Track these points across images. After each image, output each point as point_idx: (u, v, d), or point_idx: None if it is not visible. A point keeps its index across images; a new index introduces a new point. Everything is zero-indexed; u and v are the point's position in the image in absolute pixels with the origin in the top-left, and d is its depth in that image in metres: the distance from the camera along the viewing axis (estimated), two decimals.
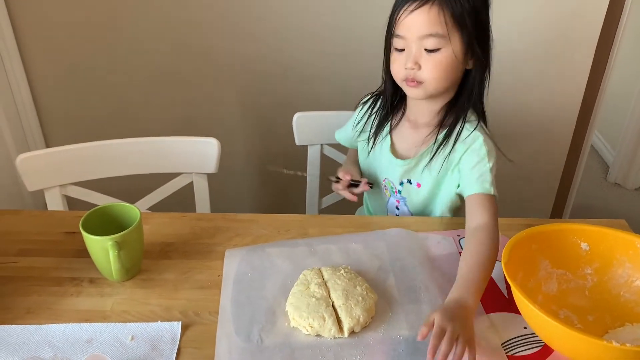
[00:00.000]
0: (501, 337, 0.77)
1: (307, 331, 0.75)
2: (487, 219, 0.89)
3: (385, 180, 1.10)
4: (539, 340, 0.76)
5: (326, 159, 1.35)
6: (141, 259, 0.88)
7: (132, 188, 1.26)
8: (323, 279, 0.82)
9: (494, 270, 0.84)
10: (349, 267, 0.85)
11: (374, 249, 0.93)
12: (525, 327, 0.78)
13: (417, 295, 0.83)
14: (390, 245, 0.94)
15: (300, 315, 0.76)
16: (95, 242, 0.81)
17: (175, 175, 1.22)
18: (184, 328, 0.77)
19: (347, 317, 0.75)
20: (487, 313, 0.81)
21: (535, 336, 0.76)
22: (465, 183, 0.97)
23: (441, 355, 0.67)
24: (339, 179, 1.07)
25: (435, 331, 0.68)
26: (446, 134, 1.00)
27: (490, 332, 0.77)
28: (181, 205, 1.17)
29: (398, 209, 1.11)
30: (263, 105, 1.72)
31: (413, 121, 1.05)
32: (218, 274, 0.88)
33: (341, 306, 0.76)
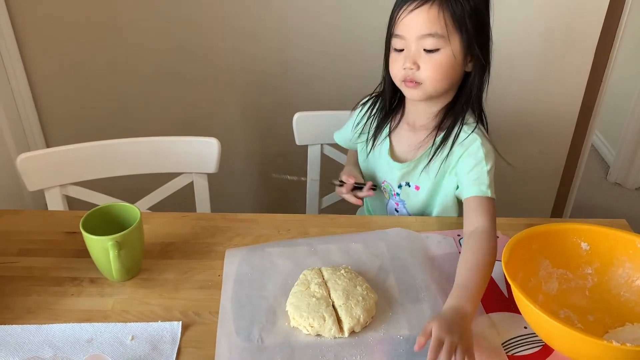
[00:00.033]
0: (501, 336, 0.77)
1: (308, 331, 0.75)
2: (484, 222, 0.88)
3: (384, 182, 1.10)
4: (539, 340, 0.76)
5: (326, 158, 1.35)
6: (141, 259, 0.89)
7: (132, 188, 1.27)
8: (323, 279, 0.82)
9: (494, 270, 0.84)
10: (349, 267, 0.85)
11: (374, 248, 0.93)
12: (526, 327, 0.78)
13: (417, 295, 0.83)
14: (391, 245, 0.94)
15: (300, 315, 0.76)
16: (96, 242, 0.81)
17: (176, 175, 1.22)
18: (184, 328, 0.77)
19: (348, 317, 0.75)
20: (487, 313, 0.81)
21: (536, 336, 0.76)
22: (462, 186, 0.97)
23: None
24: (343, 183, 1.06)
25: (433, 344, 0.67)
26: (444, 136, 0.99)
27: (491, 331, 0.77)
28: (181, 205, 1.17)
29: (397, 211, 1.11)
30: (263, 105, 1.72)
31: (411, 124, 1.05)
32: (218, 273, 0.88)
33: (341, 306, 0.76)
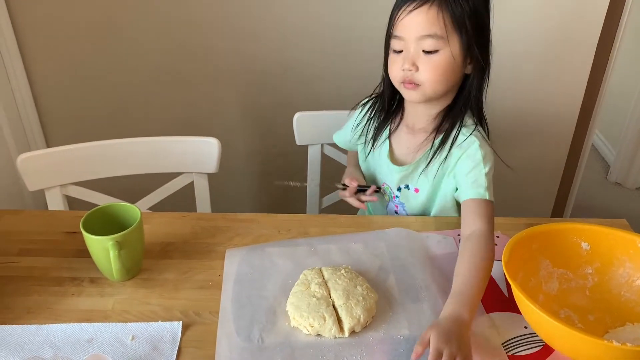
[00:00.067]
0: (502, 336, 0.77)
1: (308, 331, 0.75)
2: (481, 225, 0.88)
3: (384, 185, 1.10)
4: (540, 340, 0.76)
5: (327, 158, 1.36)
6: (142, 259, 0.89)
7: (132, 188, 1.27)
8: (323, 279, 0.82)
9: (494, 270, 0.84)
10: (350, 267, 0.85)
11: (375, 248, 0.93)
12: (526, 327, 0.78)
13: (417, 295, 0.83)
14: (391, 245, 0.94)
15: (300, 315, 0.76)
16: (96, 242, 0.81)
17: (176, 175, 1.22)
18: (185, 328, 0.77)
19: (348, 317, 0.75)
20: (487, 313, 0.81)
21: (536, 336, 0.76)
22: (460, 188, 0.96)
23: None
24: (346, 186, 1.05)
25: (432, 355, 0.66)
26: (442, 139, 0.99)
27: (491, 331, 0.77)
28: (181, 205, 1.17)
29: (397, 213, 1.11)
30: (263, 105, 1.72)
31: (410, 126, 1.04)
32: (218, 273, 0.88)
33: (341, 306, 0.76)
